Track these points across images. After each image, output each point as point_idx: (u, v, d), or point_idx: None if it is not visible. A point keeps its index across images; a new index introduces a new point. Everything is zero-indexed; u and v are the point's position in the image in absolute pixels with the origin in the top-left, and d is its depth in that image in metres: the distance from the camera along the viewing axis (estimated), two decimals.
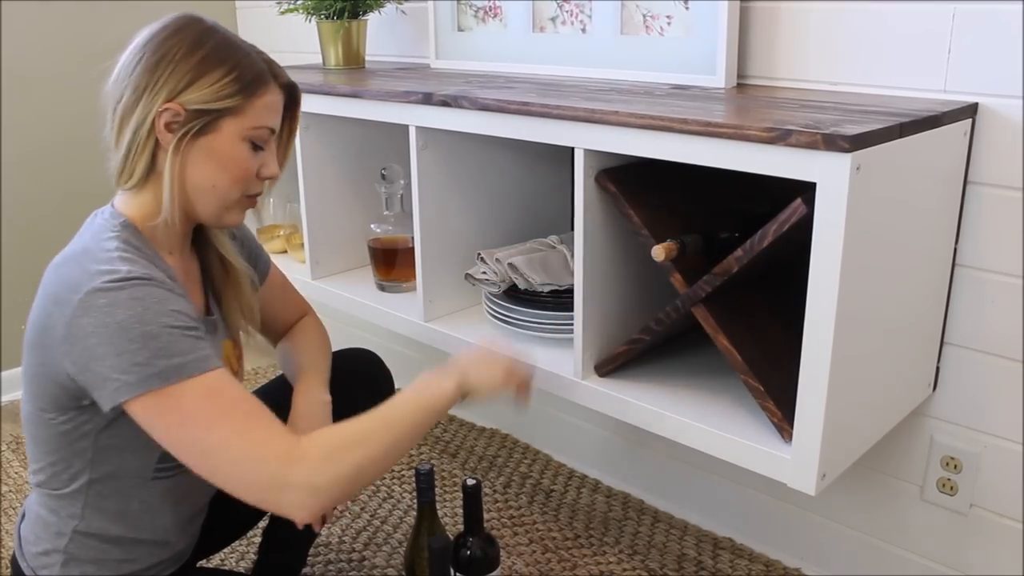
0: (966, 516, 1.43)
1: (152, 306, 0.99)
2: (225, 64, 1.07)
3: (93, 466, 1.11)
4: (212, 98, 1.06)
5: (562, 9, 1.66)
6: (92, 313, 0.97)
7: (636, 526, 1.82)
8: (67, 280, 1.01)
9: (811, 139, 0.98)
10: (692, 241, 1.19)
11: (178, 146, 1.06)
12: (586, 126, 1.21)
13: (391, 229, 1.69)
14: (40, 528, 1.16)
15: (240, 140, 1.09)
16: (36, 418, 1.11)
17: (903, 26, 1.31)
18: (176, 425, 0.99)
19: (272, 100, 1.12)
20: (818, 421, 1.07)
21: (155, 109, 1.05)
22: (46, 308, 1.03)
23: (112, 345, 0.97)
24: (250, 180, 1.13)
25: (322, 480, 1.00)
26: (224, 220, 1.15)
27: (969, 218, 1.31)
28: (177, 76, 1.05)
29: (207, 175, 1.09)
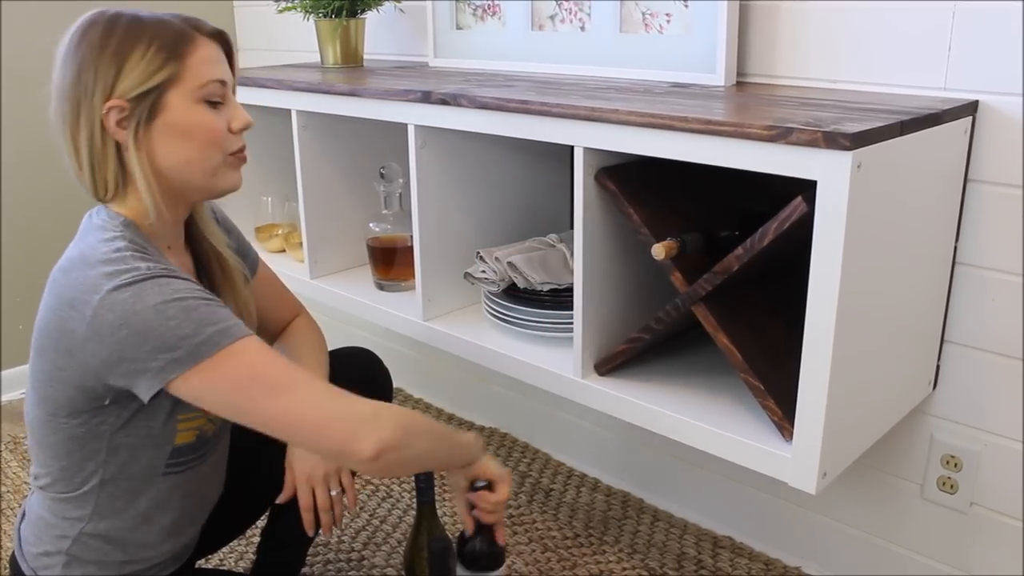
0: (966, 514, 1.43)
1: (180, 288, 0.99)
2: (141, 40, 1.03)
3: (106, 466, 1.11)
4: (145, 77, 1.02)
5: (561, 7, 1.66)
6: (117, 308, 0.96)
7: (636, 525, 1.82)
8: (82, 282, 0.99)
9: (812, 137, 0.98)
10: (692, 240, 1.19)
11: (136, 137, 1.04)
12: (586, 124, 1.21)
13: (390, 228, 1.69)
14: (42, 529, 1.15)
15: (193, 104, 1.06)
16: (45, 423, 1.09)
17: (903, 24, 1.30)
18: (232, 386, 0.99)
19: (206, 53, 1.07)
20: (819, 420, 1.07)
21: (98, 113, 1.03)
22: (61, 312, 1.00)
23: (148, 329, 0.96)
24: (223, 139, 1.09)
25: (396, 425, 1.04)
26: (219, 186, 1.12)
27: (969, 216, 1.31)
28: (102, 73, 1.02)
29: (177, 152, 1.07)
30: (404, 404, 2.33)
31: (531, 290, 1.45)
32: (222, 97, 1.09)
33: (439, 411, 2.31)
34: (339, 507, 1.29)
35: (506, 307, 1.47)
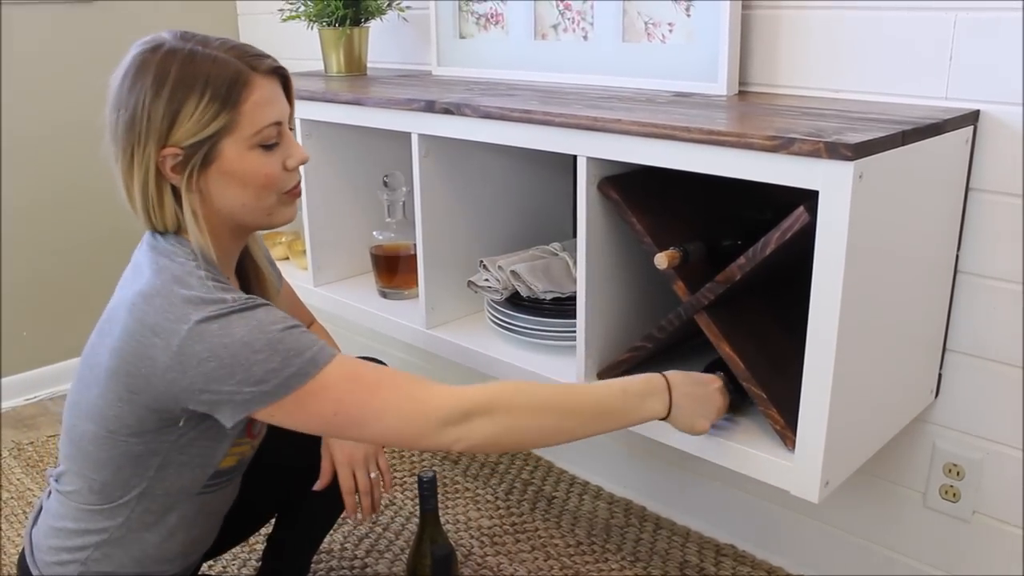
0: (969, 523, 1.43)
1: (264, 319, 0.99)
2: (195, 87, 1.00)
3: (151, 482, 1.11)
4: (199, 127, 1.01)
5: (564, 16, 1.66)
6: (206, 339, 0.96)
7: (638, 533, 1.82)
8: (167, 311, 0.99)
9: (814, 147, 0.98)
10: (695, 249, 1.19)
11: (190, 182, 1.03)
12: (589, 134, 1.21)
13: (393, 236, 1.69)
14: (61, 536, 1.14)
15: (247, 151, 1.04)
16: (100, 439, 1.08)
17: (904, 33, 1.31)
18: (330, 413, 1.01)
19: (262, 95, 1.04)
20: (821, 429, 1.07)
21: (153, 162, 1.02)
22: (143, 339, 0.99)
23: (236, 363, 0.96)
24: (277, 181, 1.08)
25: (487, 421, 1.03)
26: (275, 222, 1.12)
27: (971, 225, 1.31)
28: (156, 122, 1.00)
29: (232, 196, 1.06)
30: None
31: (534, 298, 1.46)
32: (278, 138, 1.07)
33: None
34: (377, 490, 1.34)
35: (509, 315, 1.48)
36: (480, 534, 1.82)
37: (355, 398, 1.01)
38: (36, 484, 2.04)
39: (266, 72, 1.05)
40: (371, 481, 1.34)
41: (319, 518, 1.50)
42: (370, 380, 1.03)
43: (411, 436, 1.02)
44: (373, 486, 1.34)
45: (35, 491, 2.01)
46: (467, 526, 1.85)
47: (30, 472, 2.09)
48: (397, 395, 1.02)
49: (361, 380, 1.02)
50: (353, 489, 1.34)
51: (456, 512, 1.90)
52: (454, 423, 1.02)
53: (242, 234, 1.14)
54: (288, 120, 1.11)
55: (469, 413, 1.02)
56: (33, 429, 2.31)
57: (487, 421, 1.03)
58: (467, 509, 1.91)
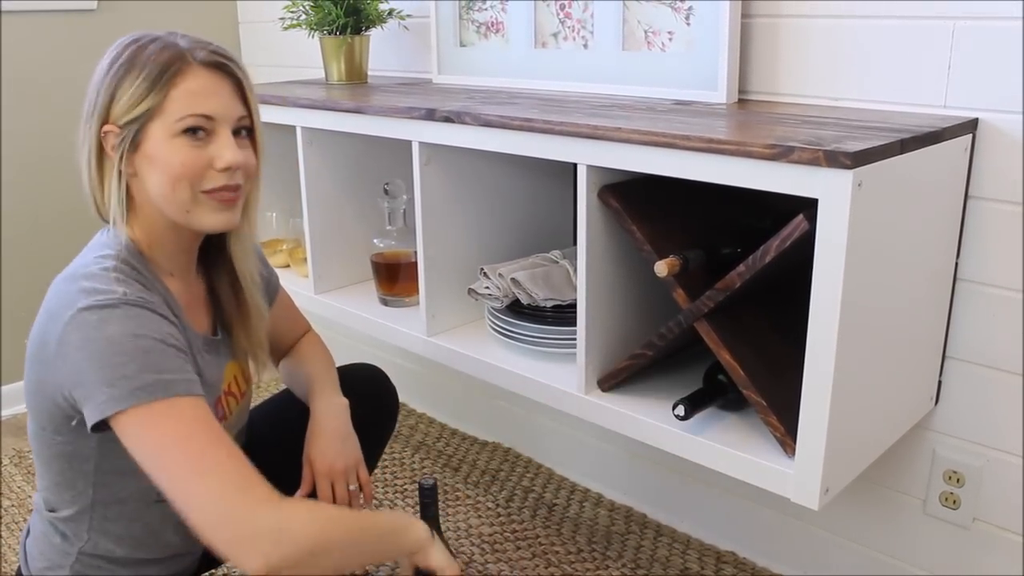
0: (969, 530, 1.43)
1: (144, 323, 0.98)
2: (135, 67, 1.02)
3: (96, 489, 1.11)
4: (132, 105, 1.02)
5: (564, 25, 1.67)
6: (82, 329, 0.96)
7: (639, 540, 1.82)
8: (63, 296, 1.00)
9: (813, 156, 0.99)
10: (695, 256, 1.20)
11: (121, 163, 1.04)
12: (589, 142, 1.22)
13: (394, 244, 1.70)
14: (45, 546, 1.16)
15: (170, 138, 1.03)
16: (38, 436, 1.10)
17: (903, 42, 1.32)
18: (154, 443, 0.96)
19: (195, 85, 1.03)
20: (821, 436, 1.08)
21: (95, 138, 1.05)
22: (44, 324, 1.02)
23: (100, 359, 0.95)
24: (196, 176, 1.04)
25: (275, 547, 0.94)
26: (195, 222, 1.07)
27: (970, 233, 1.31)
28: (102, 97, 1.04)
29: (154, 184, 1.05)
30: (407, 419, 2.33)
31: (534, 306, 1.46)
32: (207, 131, 1.05)
33: (443, 426, 2.31)
34: (356, 503, 1.31)
35: (509, 323, 1.48)
36: (481, 541, 1.82)
37: (195, 437, 0.95)
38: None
39: (205, 63, 1.04)
40: (350, 493, 1.29)
41: None
42: (209, 438, 0.96)
43: (216, 520, 0.94)
44: (352, 498, 1.29)
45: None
46: (468, 533, 1.85)
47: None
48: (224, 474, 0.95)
49: (202, 433, 0.96)
50: (331, 500, 1.28)
51: (457, 519, 1.90)
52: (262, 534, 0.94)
53: (178, 231, 1.10)
54: (235, 121, 1.07)
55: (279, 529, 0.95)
56: None
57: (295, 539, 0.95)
58: (468, 516, 1.91)
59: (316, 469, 1.28)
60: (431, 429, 2.29)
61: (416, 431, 2.29)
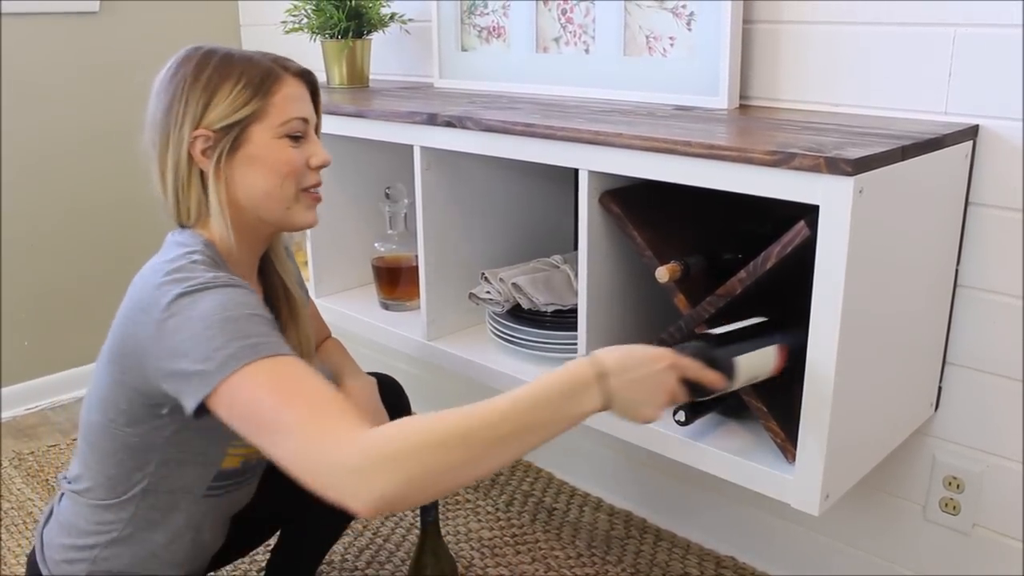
0: (969, 536, 1.43)
1: (234, 298, 0.99)
2: (231, 75, 1.08)
3: (152, 479, 1.12)
4: (231, 110, 1.07)
5: (565, 30, 1.67)
6: (177, 313, 0.98)
7: (638, 545, 1.82)
8: (150, 291, 1.01)
9: (814, 162, 0.99)
10: (695, 262, 1.20)
11: (218, 167, 1.08)
12: (591, 148, 1.22)
13: (395, 248, 1.70)
14: (71, 534, 1.16)
15: (274, 139, 1.10)
16: (103, 428, 1.11)
17: (904, 49, 1.32)
18: (247, 412, 0.93)
19: (291, 91, 1.12)
20: (821, 442, 1.08)
21: (185, 144, 1.07)
22: (132, 317, 1.02)
23: (195, 338, 0.96)
24: (300, 173, 1.13)
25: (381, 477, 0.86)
26: (294, 221, 1.15)
27: (970, 239, 1.32)
28: (192, 104, 1.07)
29: (255, 183, 1.10)
30: None
31: (535, 311, 1.46)
32: (303, 133, 1.13)
33: None
34: None
35: (510, 327, 1.48)
36: (480, 545, 1.82)
37: (272, 402, 0.92)
38: (36, 494, 2.04)
39: (295, 73, 1.13)
40: None
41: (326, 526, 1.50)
42: (295, 389, 0.93)
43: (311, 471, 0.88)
44: None
45: (35, 501, 2.01)
46: (467, 537, 1.85)
47: (30, 482, 2.09)
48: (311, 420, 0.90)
49: (288, 385, 0.93)
50: None
51: (456, 523, 1.90)
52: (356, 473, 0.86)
53: (261, 233, 1.16)
54: (315, 126, 1.17)
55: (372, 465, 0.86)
56: (34, 439, 2.31)
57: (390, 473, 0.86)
58: (467, 520, 1.91)
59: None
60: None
61: None
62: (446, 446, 0.87)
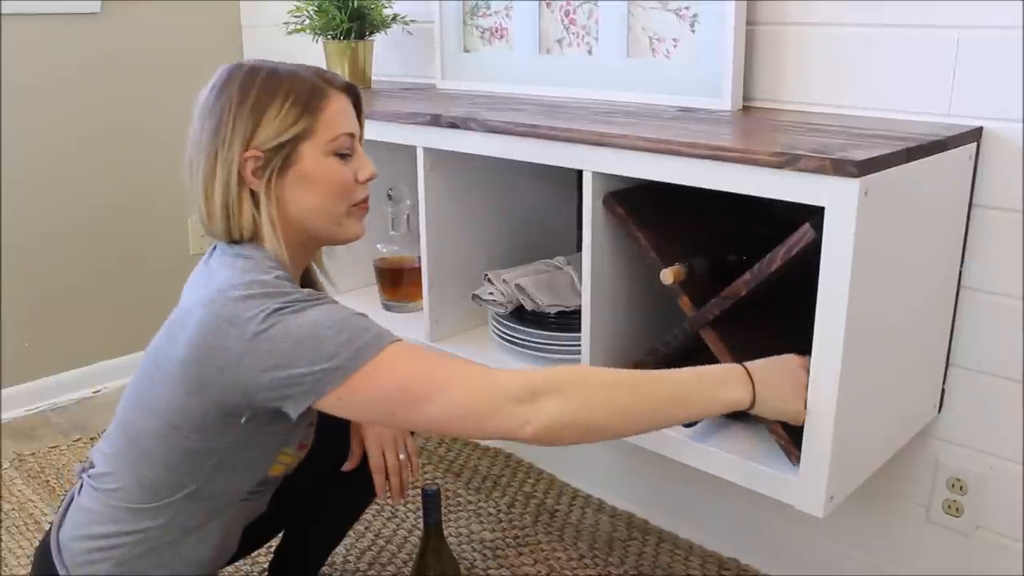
0: (971, 537, 1.43)
1: (334, 306, 1.03)
2: (278, 94, 1.08)
3: (203, 483, 1.12)
4: (282, 130, 1.08)
5: (568, 31, 1.67)
6: (279, 324, 0.99)
7: (640, 546, 1.82)
8: (245, 301, 1.01)
9: (820, 164, 0.99)
10: (700, 264, 1.20)
11: (268, 186, 1.09)
12: (595, 149, 1.22)
13: (397, 249, 1.70)
14: (95, 534, 1.14)
15: (324, 156, 1.11)
16: (160, 434, 1.09)
17: (908, 51, 1.32)
18: (396, 388, 0.99)
19: (338, 107, 1.12)
20: (826, 444, 1.08)
21: (236, 164, 1.07)
22: (219, 329, 1.01)
23: (308, 340, 0.98)
24: (350, 189, 1.14)
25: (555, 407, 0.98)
26: (344, 234, 1.16)
27: (974, 241, 1.32)
28: (241, 126, 1.07)
29: (307, 200, 1.11)
30: None
31: (538, 312, 1.46)
32: (351, 149, 1.14)
33: None
34: (406, 472, 1.36)
35: (513, 329, 1.48)
36: (483, 547, 1.82)
37: (421, 372, 1.00)
38: (37, 495, 2.04)
39: (340, 88, 1.14)
40: (399, 462, 1.35)
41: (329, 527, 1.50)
42: (434, 357, 1.03)
43: (477, 413, 0.99)
44: (401, 467, 1.36)
45: (36, 502, 2.01)
46: (469, 539, 1.85)
47: (31, 483, 2.09)
48: (462, 371, 1.01)
49: (425, 356, 1.02)
50: (383, 468, 1.35)
51: (459, 525, 1.90)
52: (523, 402, 0.98)
53: (310, 248, 1.18)
54: (359, 138, 1.17)
55: (538, 392, 0.98)
56: (35, 440, 2.30)
57: (558, 399, 0.98)
58: (469, 522, 1.91)
59: (367, 439, 1.33)
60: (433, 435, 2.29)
61: (418, 437, 2.28)
62: (613, 388, 1.02)
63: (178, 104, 2.41)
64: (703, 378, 1.06)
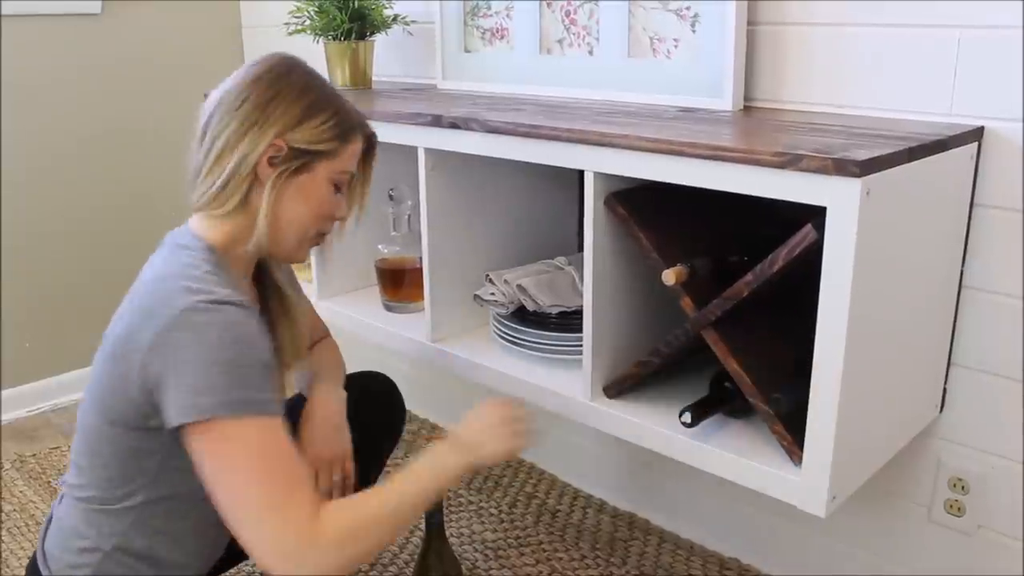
0: (973, 537, 1.43)
1: (245, 334, 1.02)
2: (329, 110, 1.14)
3: (154, 485, 1.12)
4: (315, 140, 1.12)
5: (569, 31, 1.67)
6: (187, 329, 0.99)
7: (642, 546, 1.82)
8: (162, 295, 1.02)
9: (821, 164, 0.99)
10: (702, 265, 1.20)
11: (276, 181, 1.11)
12: (596, 149, 1.22)
13: (399, 250, 1.70)
14: (72, 540, 1.15)
15: (328, 182, 1.16)
16: (102, 432, 1.11)
17: (909, 50, 1.32)
18: (224, 462, 1.00)
19: (357, 148, 1.19)
20: (828, 444, 1.08)
21: (263, 144, 1.09)
22: (137, 321, 1.03)
23: (200, 363, 0.98)
24: (328, 218, 1.19)
25: (332, 562, 1.00)
26: (296, 255, 1.20)
27: (975, 240, 1.32)
28: (288, 115, 1.10)
29: (294, 211, 1.14)
30: (410, 424, 2.33)
31: (540, 312, 1.46)
32: (344, 187, 1.20)
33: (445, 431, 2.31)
34: (337, 493, 1.32)
35: (515, 329, 1.48)
36: (484, 547, 1.82)
37: (242, 469, 0.99)
38: (39, 496, 2.04)
39: (367, 135, 1.22)
40: (333, 483, 1.32)
41: None
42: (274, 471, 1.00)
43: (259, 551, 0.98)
44: (333, 488, 1.32)
45: (37, 503, 2.01)
46: (471, 539, 1.85)
47: (32, 484, 2.09)
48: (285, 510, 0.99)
49: (269, 464, 1.00)
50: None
51: (460, 525, 1.90)
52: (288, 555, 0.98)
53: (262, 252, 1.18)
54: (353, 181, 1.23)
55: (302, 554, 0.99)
56: (36, 441, 2.31)
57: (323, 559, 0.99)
58: (471, 522, 1.91)
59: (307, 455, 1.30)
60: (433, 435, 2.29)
61: (419, 436, 2.28)
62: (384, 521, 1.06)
63: (178, 105, 2.43)
64: (432, 470, 1.13)
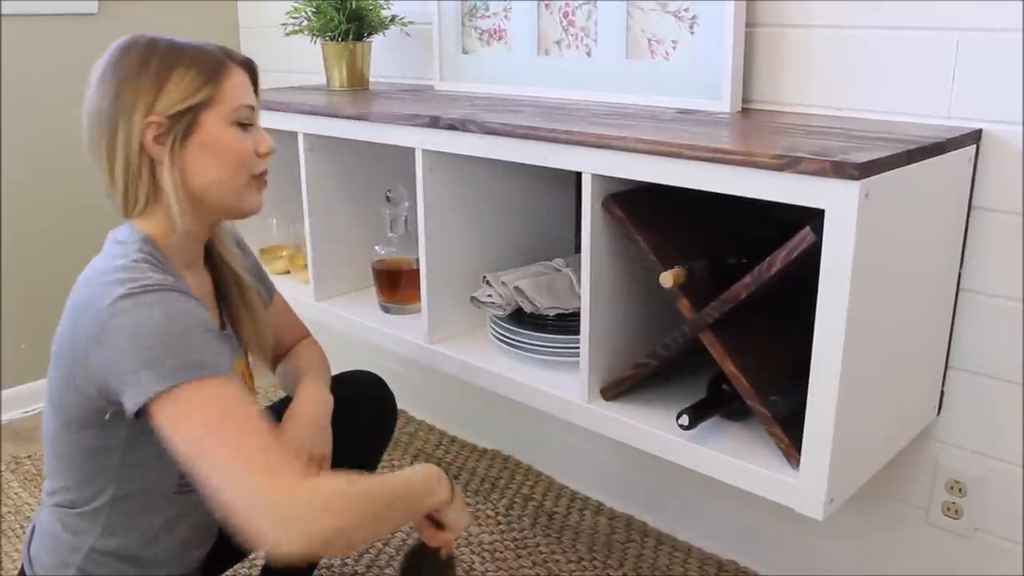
0: (971, 540, 1.43)
1: (179, 308, 1.00)
2: (181, 62, 1.09)
3: (118, 483, 1.11)
4: (184, 96, 1.07)
5: (567, 33, 1.67)
6: (120, 316, 0.98)
7: (639, 549, 1.81)
8: (94, 289, 1.01)
9: (820, 166, 0.99)
10: (700, 267, 1.19)
11: (172, 153, 1.08)
12: (594, 151, 1.22)
13: (395, 251, 1.69)
14: (54, 545, 1.15)
15: (226, 126, 1.11)
16: (60, 434, 1.10)
17: (907, 53, 1.32)
18: (187, 429, 0.96)
19: (239, 79, 1.13)
20: (826, 447, 1.08)
21: (137, 129, 1.07)
22: (74, 318, 1.03)
23: (139, 345, 0.97)
24: (250, 159, 1.14)
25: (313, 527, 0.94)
26: (243, 207, 1.16)
27: (973, 243, 1.31)
28: (143, 91, 1.07)
29: (208, 170, 1.11)
30: (406, 426, 2.33)
31: (537, 314, 1.46)
32: (251, 120, 1.14)
33: (442, 433, 2.30)
34: None
35: (512, 331, 1.48)
36: (481, 550, 1.82)
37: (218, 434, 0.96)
38: (34, 498, 2.03)
39: (240, 63, 1.15)
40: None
41: None
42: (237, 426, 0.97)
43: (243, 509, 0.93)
44: None
45: (33, 505, 2.00)
46: (468, 541, 1.85)
47: (28, 486, 2.08)
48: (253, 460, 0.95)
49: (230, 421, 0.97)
50: None
51: None
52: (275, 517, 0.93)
53: (208, 220, 1.17)
54: (257, 113, 1.17)
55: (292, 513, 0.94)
56: (32, 443, 2.30)
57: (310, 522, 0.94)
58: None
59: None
60: (430, 436, 2.29)
61: (415, 438, 2.28)
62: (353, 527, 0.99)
63: None
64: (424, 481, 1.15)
